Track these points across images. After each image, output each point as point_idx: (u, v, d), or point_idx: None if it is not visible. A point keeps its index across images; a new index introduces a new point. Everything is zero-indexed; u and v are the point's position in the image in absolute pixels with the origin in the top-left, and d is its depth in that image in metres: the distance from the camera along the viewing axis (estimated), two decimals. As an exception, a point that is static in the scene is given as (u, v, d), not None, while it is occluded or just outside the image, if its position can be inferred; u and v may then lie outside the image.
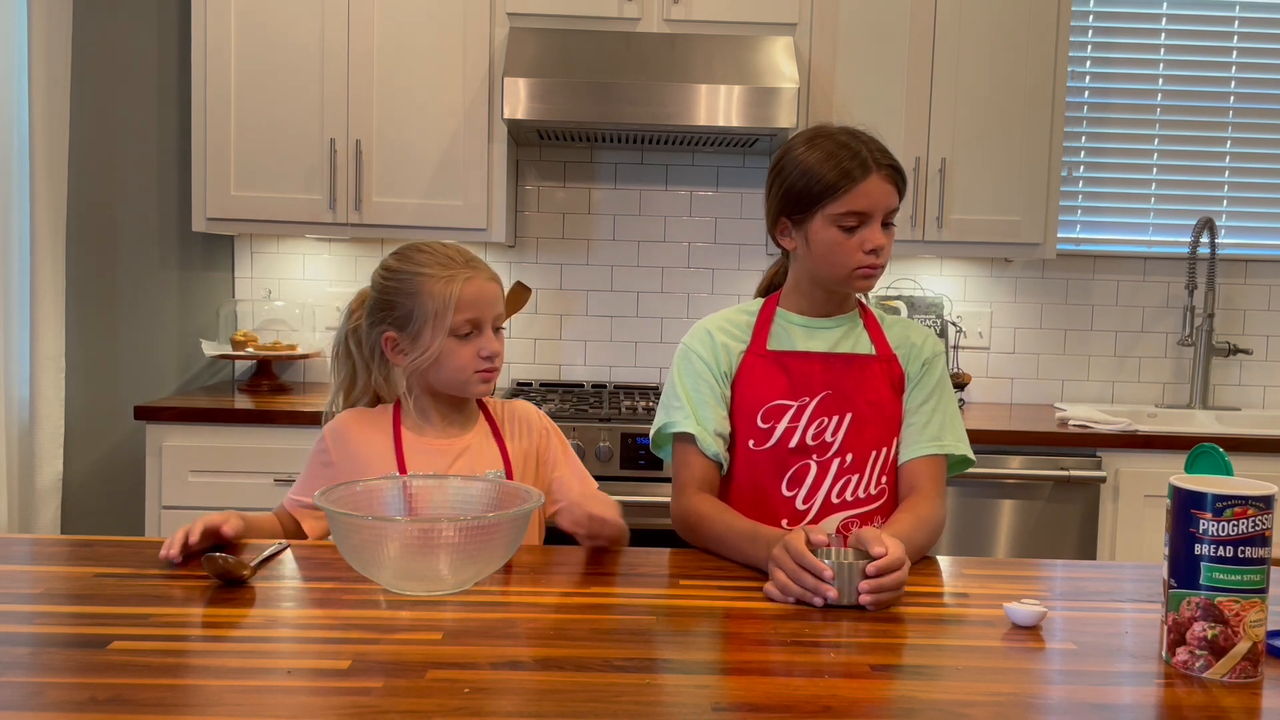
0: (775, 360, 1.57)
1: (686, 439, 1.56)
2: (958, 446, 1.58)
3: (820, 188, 1.49)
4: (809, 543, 1.29)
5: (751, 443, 1.56)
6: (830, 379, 1.56)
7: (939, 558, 1.53)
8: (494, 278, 1.58)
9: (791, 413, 1.55)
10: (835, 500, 1.54)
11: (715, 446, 1.55)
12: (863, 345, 1.60)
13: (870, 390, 1.56)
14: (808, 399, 1.55)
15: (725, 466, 1.58)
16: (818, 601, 1.24)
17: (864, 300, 1.67)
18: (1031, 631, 1.19)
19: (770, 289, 1.69)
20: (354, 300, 1.66)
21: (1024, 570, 1.47)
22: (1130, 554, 2.68)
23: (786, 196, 1.54)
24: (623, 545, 1.49)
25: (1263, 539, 1.03)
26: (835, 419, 1.54)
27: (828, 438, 1.55)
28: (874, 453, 1.55)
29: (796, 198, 1.52)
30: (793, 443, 1.54)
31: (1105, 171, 3.29)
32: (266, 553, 1.39)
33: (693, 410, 1.56)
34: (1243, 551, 1.03)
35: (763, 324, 1.61)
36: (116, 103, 3.17)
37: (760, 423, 1.56)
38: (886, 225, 1.53)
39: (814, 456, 1.54)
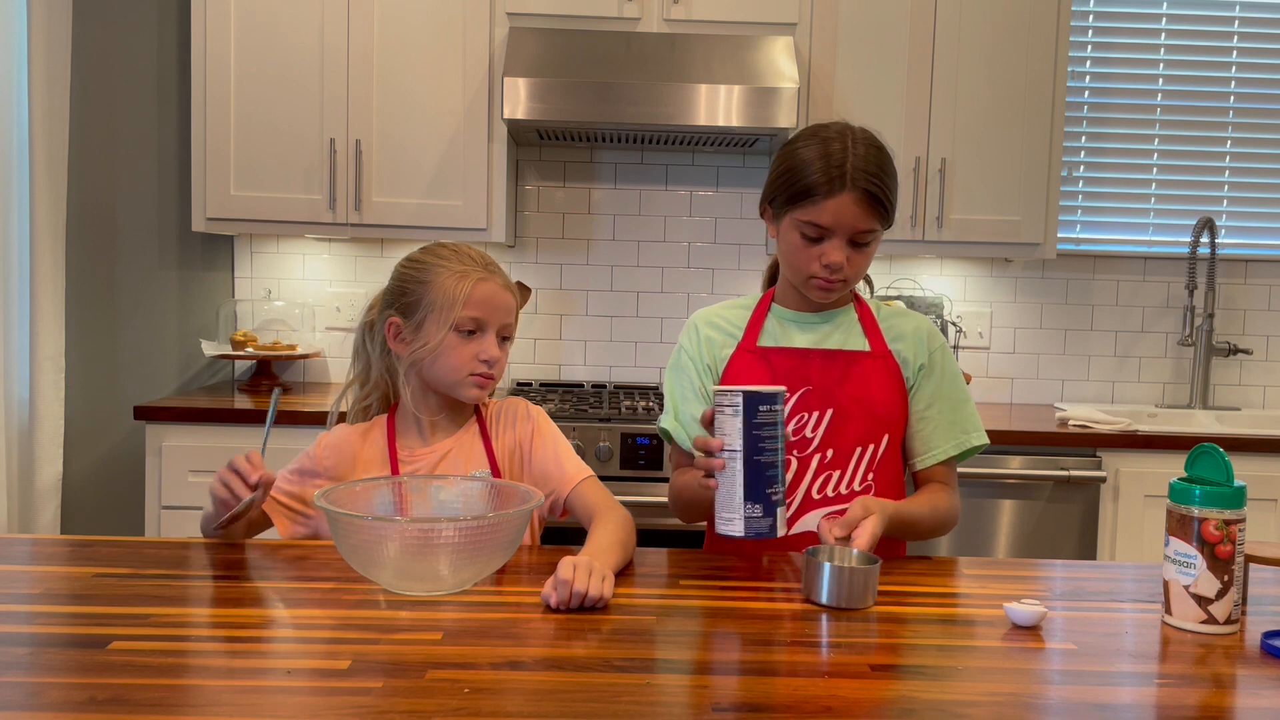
0: (762, 356, 1.58)
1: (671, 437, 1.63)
2: (975, 437, 1.58)
3: (793, 190, 1.49)
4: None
5: None
6: (811, 374, 1.55)
7: (939, 558, 1.53)
8: (509, 287, 1.57)
9: None
10: (816, 496, 1.54)
11: (690, 441, 1.58)
12: (855, 341, 1.58)
13: (856, 386, 1.55)
14: (788, 394, 1.54)
15: None
16: (717, 465, 1.31)
17: (859, 293, 1.66)
18: (1031, 631, 1.19)
19: (773, 279, 1.69)
20: (376, 295, 1.66)
21: (1024, 570, 1.47)
22: (1130, 554, 2.68)
23: (770, 185, 1.55)
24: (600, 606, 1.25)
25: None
26: (815, 414, 1.54)
27: (807, 433, 1.54)
28: (858, 449, 1.54)
29: (775, 191, 1.53)
30: None
31: (1105, 171, 3.29)
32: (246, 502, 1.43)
33: (674, 406, 1.62)
34: None
35: (756, 319, 1.61)
36: (116, 103, 3.17)
37: None
38: (859, 245, 1.49)
39: (794, 452, 1.54)
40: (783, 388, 1.34)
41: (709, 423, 1.35)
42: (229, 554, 1.42)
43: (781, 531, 1.33)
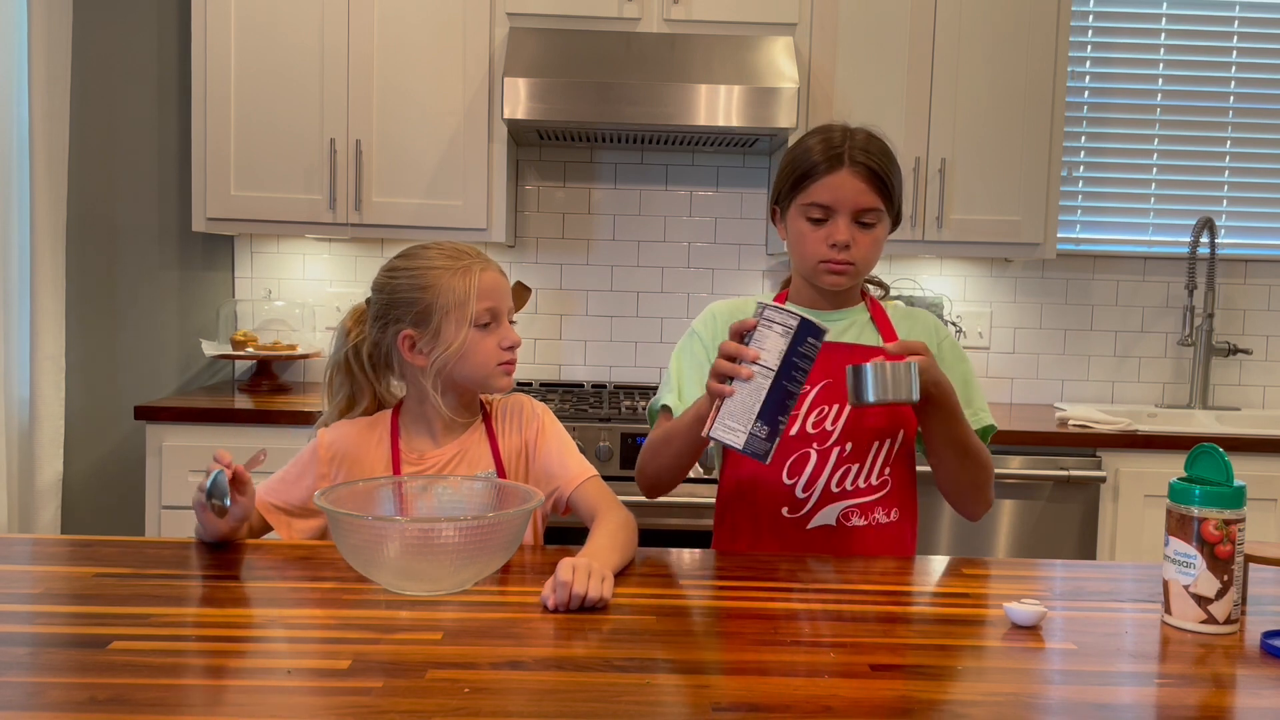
0: None
1: (666, 411, 1.60)
2: (985, 416, 1.59)
3: (795, 176, 1.53)
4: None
5: None
6: (831, 368, 1.55)
7: (939, 558, 1.53)
8: (503, 272, 1.59)
9: None
10: (835, 489, 1.54)
11: None
12: (868, 337, 1.60)
13: None
14: (808, 387, 1.54)
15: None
16: (744, 373, 1.29)
17: (872, 293, 1.67)
18: (1031, 631, 1.19)
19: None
20: (348, 319, 1.62)
21: (1024, 570, 1.47)
22: (1130, 554, 2.68)
23: (776, 183, 1.60)
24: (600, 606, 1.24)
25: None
26: (835, 407, 1.55)
27: (827, 426, 1.54)
28: (876, 443, 1.55)
29: (779, 186, 1.58)
30: (793, 431, 1.54)
31: (1105, 171, 3.29)
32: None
33: (678, 385, 1.61)
34: None
35: None
36: (116, 103, 3.17)
37: None
38: (864, 225, 1.52)
39: (814, 445, 1.54)
40: (829, 327, 1.34)
41: (745, 332, 1.33)
42: (229, 554, 1.42)
43: (770, 461, 1.32)
